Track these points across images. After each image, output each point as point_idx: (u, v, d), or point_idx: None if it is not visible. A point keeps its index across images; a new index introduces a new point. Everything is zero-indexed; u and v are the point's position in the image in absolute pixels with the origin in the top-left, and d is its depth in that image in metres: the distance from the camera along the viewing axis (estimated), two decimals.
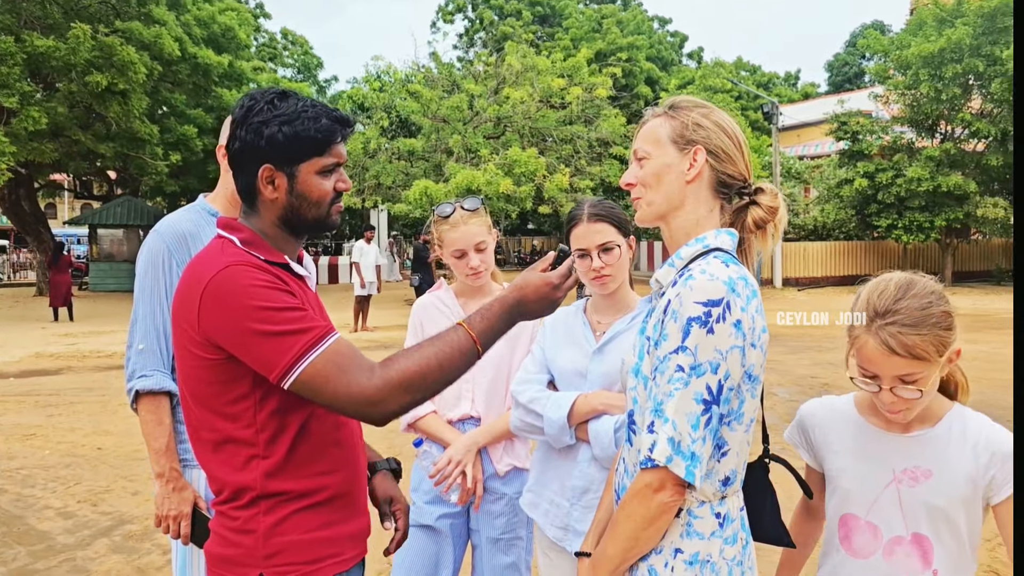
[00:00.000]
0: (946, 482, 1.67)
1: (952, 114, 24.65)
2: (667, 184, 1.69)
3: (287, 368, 1.49)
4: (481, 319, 1.64)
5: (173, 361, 2.35)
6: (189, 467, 2.35)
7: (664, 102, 1.77)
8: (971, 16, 23.50)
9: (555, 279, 1.69)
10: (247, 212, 1.69)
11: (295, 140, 1.60)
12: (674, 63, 41.37)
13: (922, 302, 1.61)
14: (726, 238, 1.66)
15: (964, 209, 24.03)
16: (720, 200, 1.71)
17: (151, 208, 27.17)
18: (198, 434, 1.64)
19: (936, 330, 1.60)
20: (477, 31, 41.30)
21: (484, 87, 22.54)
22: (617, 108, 25.38)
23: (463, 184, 18.53)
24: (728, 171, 1.69)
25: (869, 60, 42.77)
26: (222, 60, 23.06)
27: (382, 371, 1.53)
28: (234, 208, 2.45)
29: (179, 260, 2.34)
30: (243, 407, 1.57)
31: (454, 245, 2.59)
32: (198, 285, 1.54)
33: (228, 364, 1.54)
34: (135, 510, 5.23)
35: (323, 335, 1.52)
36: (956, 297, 21.84)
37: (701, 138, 1.67)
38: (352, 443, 1.73)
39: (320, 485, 1.63)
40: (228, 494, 1.61)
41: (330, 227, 1.73)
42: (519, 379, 2.40)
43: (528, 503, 2.44)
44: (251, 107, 1.62)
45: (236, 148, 1.63)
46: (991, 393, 8.80)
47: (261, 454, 1.58)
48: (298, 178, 1.63)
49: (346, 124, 1.67)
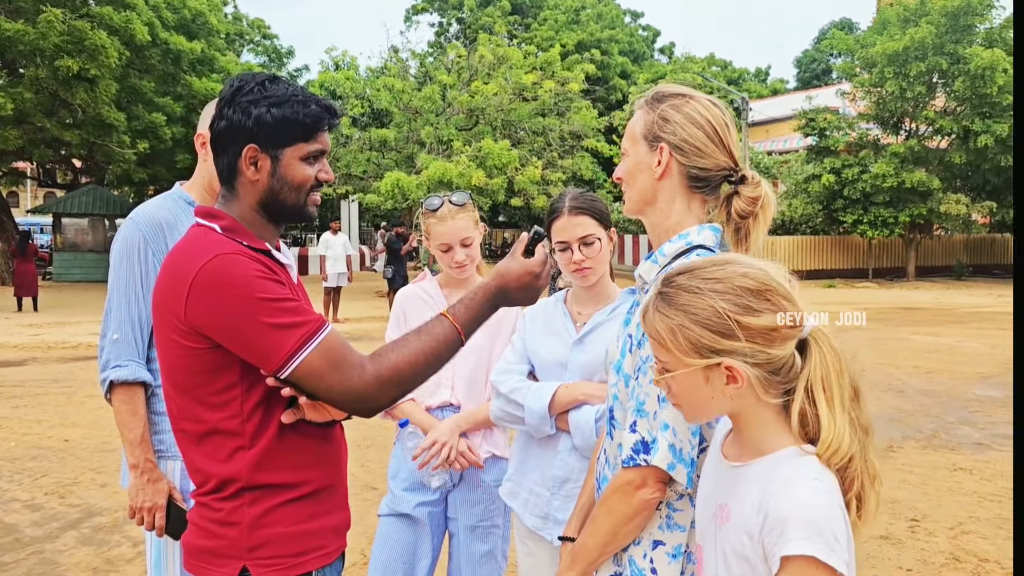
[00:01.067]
0: (737, 529, 1.33)
1: (916, 112, 25.08)
2: (640, 181, 1.70)
3: (283, 362, 1.49)
4: (465, 309, 1.66)
5: (148, 351, 2.34)
6: (164, 458, 2.34)
7: (648, 91, 1.76)
8: (935, 15, 23.90)
9: (536, 267, 1.71)
10: (226, 196, 1.67)
11: (283, 123, 1.59)
12: (646, 57, 41.54)
13: (694, 283, 1.33)
14: (709, 234, 1.66)
15: (927, 205, 24.47)
16: (697, 194, 1.69)
17: (117, 197, 26.74)
18: (180, 425, 1.63)
19: (689, 321, 1.30)
20: (451, 21, 41.12)
21: (456, 78, 22.46)
22: (590, 101, 25.44)
23: (435, 176, 18.47)
24: (699, 164, 1.65)
25: (836, 58, 43.30)
26: (194, 46, 22.69)
27: (373, 367, 1.54)
28: (211, 197, 2.43)
29: (155, 249, 2.32)
30: (229, 396, 1.55)
31: (440, 239, 2.61)
32: (185, 274, 1.51)
33: (215, 353, 1.53)
34: (104, 502, 5.17)
35: (317, 329, 1.52)
36: (919, 292, 22.23)
37: (667, 133, 1.66)
38: (336, 435, 1.74)
39: (306, 477, 1.63)
40: (212, 485, 1.59)
41: (307, 216, 1.72)
42: (499, 369, 2.42)
43: (508, 492, 2.46)
44: (240, 87, 1.61)
45: (222, 127, 1.61)
46: (953, 385, 9.01)
47: (247, 445, 1.57)
48: (282, 162, 1.62)
49: (333, 114, 1.67)
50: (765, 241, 1.70)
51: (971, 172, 25.38)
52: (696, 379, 1.32)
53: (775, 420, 1.33)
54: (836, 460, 1.28)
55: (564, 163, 22.50)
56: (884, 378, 9.36)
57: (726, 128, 1.68)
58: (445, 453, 2.51)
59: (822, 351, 1.31)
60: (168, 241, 2.33)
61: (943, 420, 7.40)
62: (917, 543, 4.47)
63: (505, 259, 1.74)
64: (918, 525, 4.74)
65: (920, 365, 10.26)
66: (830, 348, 1.31)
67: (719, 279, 1.32)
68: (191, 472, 1.65)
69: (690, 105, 1.67)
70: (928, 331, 13.76)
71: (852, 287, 24.43)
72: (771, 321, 1.28)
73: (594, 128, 23.46)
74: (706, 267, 1.35)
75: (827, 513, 1.22)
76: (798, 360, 1.31)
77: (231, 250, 1.53)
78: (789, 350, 1.30)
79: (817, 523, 1.20)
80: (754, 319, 1.28)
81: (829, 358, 1.30)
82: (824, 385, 1.30)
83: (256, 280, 1.50)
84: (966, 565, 4.17)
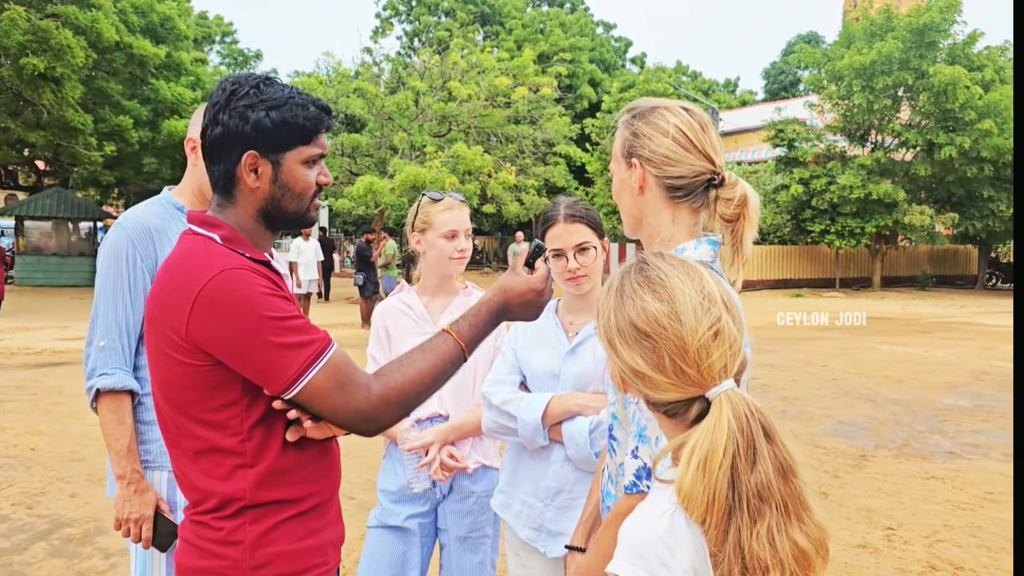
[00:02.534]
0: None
1: (882, 124, 25.57)
2: (624, 200, 1.69)
3: (289, 383, 1.45)
4: (469, 326, 1.64)
5: (136, 358, 2.29)
6: (151, 468, 2.29)
7: (625, 107, 1.73)
8: (900, 31, 24.41)
9: (539, 285, 1.69)
10: (222, 204, 1.61)
11: (283, 126, 1.54)
12: (616, 67, 41.85)
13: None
14: (706, 248, 1.61)
15: (893, 216, 24.91)
16: (682, 204, 1.63)
17: (82, 200, 26.23)
18: (177, 441, 1.57)
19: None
20: (417, 33, 41.09)
21: (428, 84, 22.44)
22: (561, 107, 25.56)
23: (408, 180, 18.42)
24: (672, 173, 1.60)
25: (804, 70, 43.94)
26: (159, 52, 22.39)
27: (379, 388, 1.51)
28: (201, 203, 2.39)
29: (143, 255, 2.27)
30: (228, 415, 1.50)
31: (448, 225, 2.60)
32: (188, 288, 1.45)
33: (215, 371, 1.47)
34: (73, 513, 5.04)
35: (324, 348, 1.49)
36: (885, 301, 22.55)
37: (638, 148, 1.63)
38: (333, 447, 1.70)
39: (308, 492, 1.59)
40: (213, 504, 1.53)
41: (309, 222, 1.68)
42: (491, 380, 2.40)
43: (500, 504, 2.44)
44: (235, 91, 1.55)
45: (217, 133, 1.54)
46: (922, 394, 9.15)
47: (248, 463, 1.51)
48: (283, 167, 1.57)
49: (330, 114, 1.63)
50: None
51: (935, 184, 25.90)
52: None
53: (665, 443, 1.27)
54: (690, 507, 1.15)
55: (537, 170, 22.55)
56: (855, 387, 9.48)
57: (699, 131, 1.62)
58: (430, 458, 2.49)
59: (719, 421, 1.16)
60: (157, 247, 2.29)
61: (914, 429, 7.50)
62: (894, 552, 4.52)
63: (506, 274, 1.72)
64: (894, 534, 4.79)
65: (889, 374, 10.40)
66: (720, 418, 1.16)
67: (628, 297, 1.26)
68: (187, 489, 1.59)
69: (658, 114, 1.63)
70: (895, 341, 13.96)
71: (819, 296, 24.75)
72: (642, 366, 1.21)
73: (566, 135, 23.55)
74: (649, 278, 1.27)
75: (662, 539, 1.14)
76: (691, 417, 1.21)
77: (237, 264, 1.48)
78: (682, 398, 1.21)
79: (644, 545, 1.15)
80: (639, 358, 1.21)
81: (717, 431, 1.16)
82: (696, 449, 1.16)
83: (263, 297, 1.45)
84: (942, 574, 4.22)
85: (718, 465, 1.14)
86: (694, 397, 1.20)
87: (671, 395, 1.21)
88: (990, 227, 25.77)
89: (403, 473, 2.56)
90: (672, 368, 1.19)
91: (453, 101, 21.41)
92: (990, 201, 25.17)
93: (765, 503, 1.16)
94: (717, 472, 1.14)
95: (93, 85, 21.32)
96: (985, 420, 7.88)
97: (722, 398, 1.18)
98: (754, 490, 1.15)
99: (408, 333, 2.63)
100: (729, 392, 1.19)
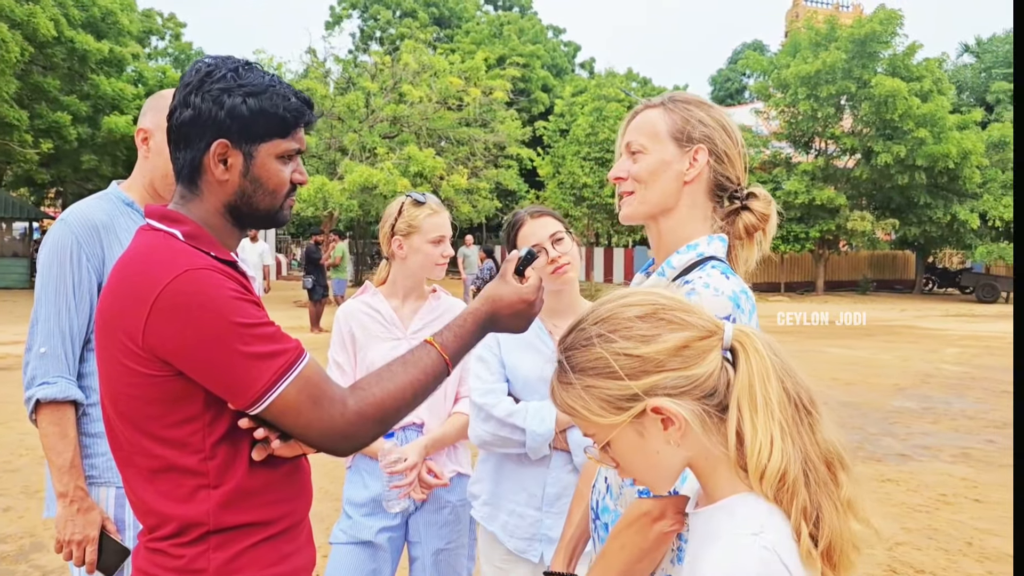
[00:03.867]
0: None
1: (825, 132, 26.17)
2: (663, 183, 1.59)
3: (257, 397, 1.31)
4: (454, 338, 1.50)
5: (80, 366, 2.11)
6: (96, 484, 2.12)
7: (662, 95, 1.67)
8: (843, 41, 25.03)
9: (530, 294, 1.57)
10: (185, 196, 1.46)
11: (260, 116, 1.40)
12: (567, 72, 42.05)
13: (582, 337, 1.18)
14: (719, 244, 1.58)
15: (835, 221, 25.49)
16: (714, 203, 1.61)
17: (16, 199, 25.29)
18: (130, 460, 1.41)
19: (591, 378, 1.15)
20: (373, 30, 40.71)
21: (380, 85, 22.19)
22: (515, 111, 25.56)
23: (359, 182, 18.19)
24: (727, 174, 1.60)
25: (749, 78, 44.77)
26: (101, 47, 21.70)
27: (356, 403, 1.38)
28: (152, 198, 2.23)
29: (89, 254, 2.10)
30: (189, 431, 1.35)
31: (436, 231, 2.53)
32: (145, 291, 1.31)
33: (174, 382, 1.33)
34: (7, 528, 4.76)
35: (296, 358, 1.35)
36: (828, 305, 23.05)
37: (703, 136, 1.58)
38: (305, 466, 1.57)
39: (278, 514, 1.45)
40: (171, 529, 1.38)
41: (281, 221, 1.55)
42: (481, 390, 2.29)
43: (485, 516, 2.35)
44: (211, 72, 1.41)
45: (187, 116, 1.40)
46: (872, 397, 9.29)
47: (211, 483, 1.36)
48: (255, 160, 1.43)
49: (312, 109, 1.50)
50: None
51: (875, 191, 26.59)
52: (630, 439, 1.14)
53: (726, 462, 1.13)
54: (771, 481, 1.07)
55: (488, 173, 22.47)
56: None
57: (743, 143, 1.65)
58: (412, 478, 2.37)
59: (748, 356, 1.13)
60: (104, 245, 2.12)
61: (866, 431, 7.60)
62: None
63: (494, 282, 1.59)
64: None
65: (839, 377, 10.56)
66: (755, 351, 1.13)
67: (604, 319, 1.16)
68: (142, 513, 1.43)
69: (718, 112, 1.62)
70: (843, 344, 14.22)
71: (766, 300, 25.15)
72: (675, 340, 1.11)
73: (518, 139, 23.54)
74: (589, 315, 1.19)
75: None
76: (731, 373, 1.13)
77: (201, 264, 1.33)
78: (713, 364, 1.12)
79: None
80: (655, 345, 1.11)
81: (754, 362, 1.12)
82: (750, 393, 1.10)
83: (232, 301, 1.31)
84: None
85: (762, 393, 1.09)
86: (732, 348, 1.14)
87: (712, 357, 1.12)
88: (927, 232, 26.55)
89: (375, 487, 2.44)
90: (684, 319, 1.13)
91: (404, 103, 21.19)
92: (927, 208, 25.92)
93: (822, 448, 1.11)
94: (767, 401, 1.09)
95: (29, 80, 20.57)
96: (933, 422, 8.03)
97: (739, 335, 1.14)
98: (820, 439, 1.11)
99: (377, 339, 2.51)
100: (743, 328, 1.15)
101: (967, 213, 25.35)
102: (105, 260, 2.11)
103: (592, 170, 25.56)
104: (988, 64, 38.84)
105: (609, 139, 25.86)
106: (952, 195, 26.01)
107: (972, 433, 7.56)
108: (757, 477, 1.08)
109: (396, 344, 2.47)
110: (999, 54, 38.70)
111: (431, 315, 2.56)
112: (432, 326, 2.49)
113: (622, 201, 1.64)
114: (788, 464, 1.07)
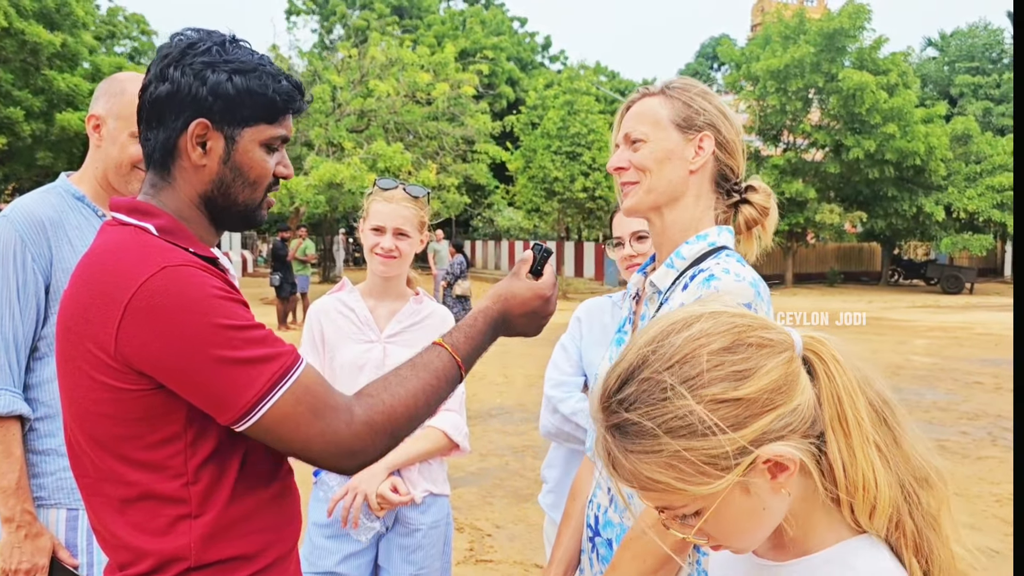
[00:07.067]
0: None
1: (794, 125, 26.37)
2: (669, 171, 1.52)
3: (247, 408, 1.14)
4: (466, 339, 1.35)
5: (25, 376, 1.93)
6: (45, 507, 1.95)
7: (659, 81, 1.61)
8: (812, 35, 25.21)
9: (546, 291, 1.42)
10: (156, 184, 1.29)
11: (247, 96, 1.25)
12: (535, 65, 41.97)
13: (653, 388, 0.92)
14: (728, 235, 1.53)
15: (804, 214, 25.71)
16: (717, 194, 1.57)
17: None
18: (98, 487, 1.24)
19: (683, 440, 0.90)
20: (334, 23, 40.24)
21: (346, 79, 21.89)
22: (484, 104, 25.41)
23: (325, 177, 17.93)
24: (730, 164, 1.56)
25: (718, 71, 45.10)
26: (54, 39, 21.07)
27: (364, 412, 1.21)
28: (105, 191, 2.05)
29: (35, 253, 1.92)
30: (169, 452, 1.19)
31: (375, 219, 2.31)
32: (118, 292, 1.15)
33: (152, 396, 1.17)
34: None
35: (292, 364, 1.18)
36: (797, 298, 23.26)
37: (707, 124, 1.51)
38: (295, 489, 1.40)
39: (266, 544, 1.28)
40: (147, 566, 1.21)
41: (258, 221, 1.38)
42: (554, 381, 2.27)
43: (550, 504, 2.40)
44: (194, 43, 1.25)
45: (163, 91, 1.24)
46: None
47: (193, 512, 1.21)
48: (238, 145, 1.28)
49: (303, 95, 1.34)
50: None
51: (843, 184, 26.86)
52: (735, 502, 0.92)
53: (820, 501, 0.96)
54: (884, 515, 0.92)
55: (457, 168, 22.30)
56: None
57: (742, 133, 1.61)
58: (360, 502, 2.16)
59: (827, 367, 0.95)
60: (51, 244, 1.94)
61: None
62: None
63: (506, 280, 1.45)
64: None
65: None
66: (832, 360, 0.96)
67: (680, 360, 0.91)
68: (112, 548, 1.26)
69: (718, 99, 1.56)
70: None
71: None
72: (776, 369, 0.91)
73: (487, 133, 23.40)
74: (650, 357, 0.93)
75: None
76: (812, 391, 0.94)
77: (181, 260, 1.17)
78: (806, 386, 0.94)
79: None
80: (756, 382, 0.90)
81: (836, 374, 0.94)
82: (839, 414, 0.93)
83: (216, 301, 1.15)
84: None
85: (851, 410, 0.93)
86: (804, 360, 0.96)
87: (802, 377, 0.94)
88: (893, 225, 26.91)
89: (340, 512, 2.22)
90: (768, 339, 0.94)
91: (372, 97, 20.92)
92: (894, 200, 26.25)
93: (913, 466, 0.96)
94: (857, 420, 0.93)
95: None
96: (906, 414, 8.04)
97: (809, 343, 0.97)
98: (906, 454, 0.97)
99: (348, 339, 2.32)
100: (809, 335, 0.99)
101: (932, 205, 25.72)
102: (52, 260, 1.94)
103: (563, 164, 25.50)
104: (952, 58, 39.47)
105: (579, 133, 25.83)
106: (918, 188, 26.39)
107: (946, 425, 7.58)
108: (866, 514, 0.92)
109: (369, 347, 2.30)
110: (962, 48, 39.36)
111: (410, 319, 2.37)
112: (411, 332, 2.32)
113: (625, 192, 1.54)
114: (896, 493, 0.93)
